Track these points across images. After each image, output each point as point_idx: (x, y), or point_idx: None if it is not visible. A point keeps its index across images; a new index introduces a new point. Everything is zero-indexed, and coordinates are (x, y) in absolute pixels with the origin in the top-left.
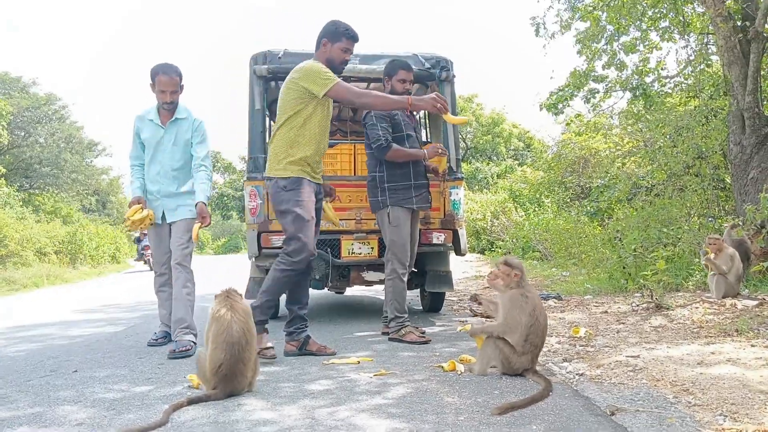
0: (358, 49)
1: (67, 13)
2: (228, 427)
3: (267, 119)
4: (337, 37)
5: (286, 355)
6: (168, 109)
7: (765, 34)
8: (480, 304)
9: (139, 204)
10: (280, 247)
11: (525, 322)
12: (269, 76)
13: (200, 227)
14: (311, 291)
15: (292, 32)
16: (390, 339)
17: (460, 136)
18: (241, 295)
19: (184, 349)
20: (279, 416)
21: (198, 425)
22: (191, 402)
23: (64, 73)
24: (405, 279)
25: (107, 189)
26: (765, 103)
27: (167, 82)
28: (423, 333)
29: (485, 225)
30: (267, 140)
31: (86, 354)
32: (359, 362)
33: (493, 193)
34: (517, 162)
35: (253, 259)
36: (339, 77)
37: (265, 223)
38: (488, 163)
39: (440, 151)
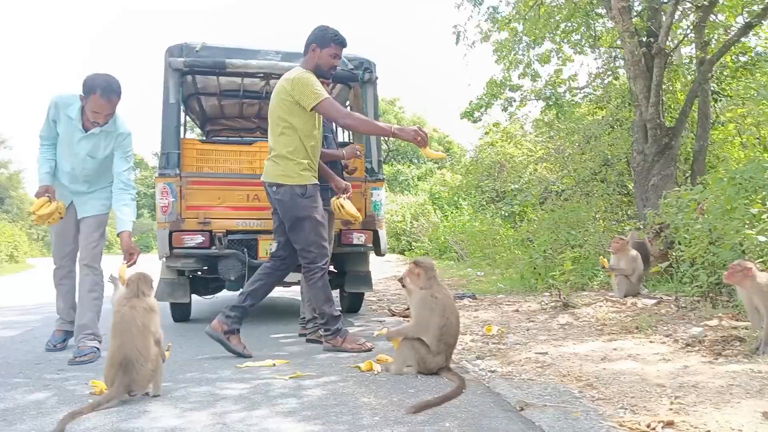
0: (280, 46)
1: None
2: None
3: (183, 114)
4: (326, 42)
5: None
6: (92, 126)
7: (667, 51)
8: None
9: (47, 195)
10: (192, 247)
11: (436, 322)
12: (185, 69)
13: (127, 266)
14: (225, 293)
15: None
16: (307, 341)
17: (381, 139)
18: (152, 281)
19: (85, 356)
20: (187, 422)
21: None
22: (92, 408)
23: None
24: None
25: (6, 184)
26: (666, 114)
27: (104, 106)
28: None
29: (405, 226)
30: (182, 135)
31: None
32: (275, 365)
33: (414, 195)
34: (437, 165)
35: (164, 259)
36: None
37: (177, 221)
38: (409, 166)
39: (358, 153)
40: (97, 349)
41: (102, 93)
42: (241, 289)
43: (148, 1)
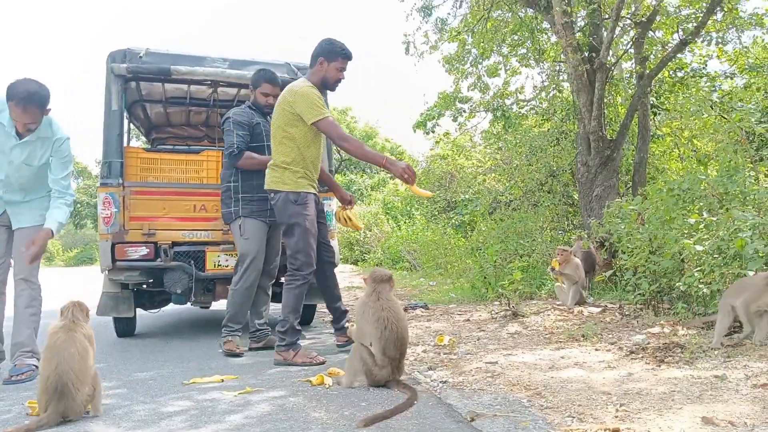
0: (228, 54)
1: None
2: None
3: (125, 121)
4: (334, 56)
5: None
6: (24, 134)
7: (608, 65)
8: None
9: None
10: (136, 260)
11: (370, 332)
12: (129, 75)
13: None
14: (171, 307)
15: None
16: (251, 349)
17: (333, 148)
18: (88, 311)
19: (23, 374)
20: None
21: None
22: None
23: None
24: (253, 294)
25: None
26: (608, 127)
27: (20, 115)
28: (238, 347)
29: (358, 236)
30: (125, 143)
31: None
32: (222, 380)
33: (367, 204)
34: (390, 176)
35: (107, 272)
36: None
37: (120, 233)
38: (362, 176)
39: None
40: (36, 367)
41: (17, 102)
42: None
43: (148, 1)
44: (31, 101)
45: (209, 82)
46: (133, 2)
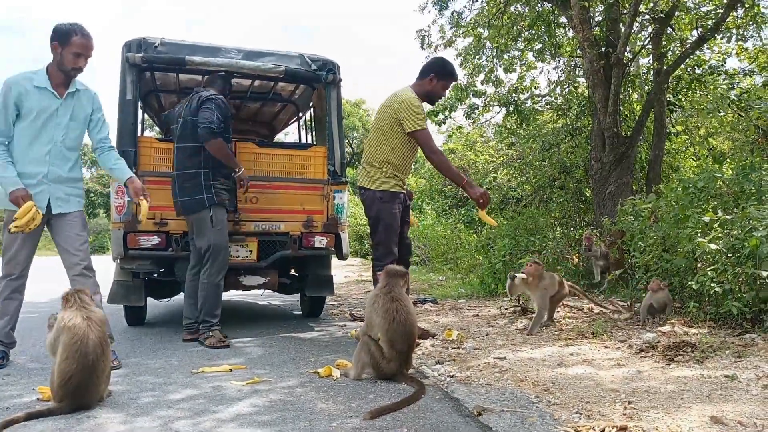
0: (243, 45)
1: None
2: None
3: (140, 111)
4: (445, 76)
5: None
6: (72, 76)
7: (625, 61)
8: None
9: (30, 200)
10: (147, 249)
11: (379, 323)
12: (144, 65)
13: (148, 204)
14: (182, 296)
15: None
16: (185, 340)
17: (345, 141)
18: (91, 297)
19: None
20: (134, 428)
21: None
22: (30, 417)
23: None
24: (222, 285)
25: None
26: (623, 124)
27: (85, 45)
28: (225, 338)
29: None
30: (138, 133)
31: None
32: (231, 370)
33: None
34: None
35: (119, 260)
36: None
37: (132, 222)
38: None
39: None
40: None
41: (81, 32)
42: None
43: (149, 1)
44: (88, 31)
45: (223, 73)
46: (133, 2)
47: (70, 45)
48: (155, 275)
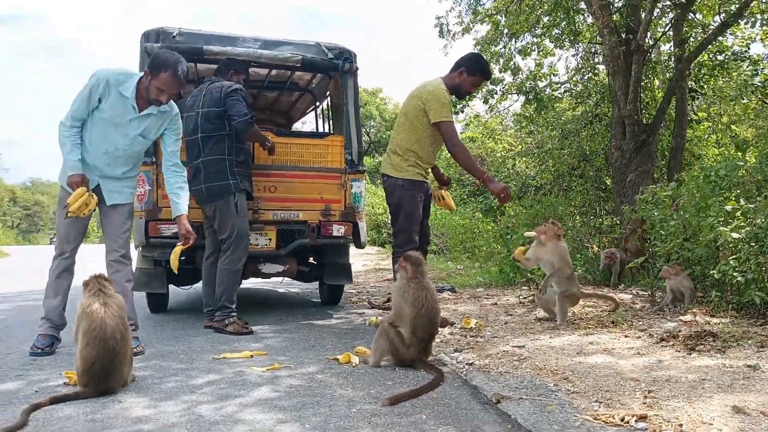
0: (261, 34)
1: None
2: (102, 425)
3: None
4: (475, 72)
5: None
6: (152, 104)
7: (645, 48)
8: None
9: (84, 186)
10: (169, 237)
11: (408, 312)
12: None
13: (183, 248)
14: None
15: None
16: (206, 327)
17: (362, 130)
18: (111, 282)
19: (135, 348)
20: (159, 412)
21: (72, 423)
22: (55, 401)
23: None
24: (241, 272)
25: None
26: (644, 111)
27: (171, 84)
28: (246, 324)
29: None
30: None
31: None
32: (252, 356)
33: None
34: None
35: (140, 248)
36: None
37: (154, 210)
38: None
39: (268, 143)
40: (137, 338)
41: (173, 72)
42: None
43: (149, 1)
44: (184, 73)
45: (226, 60)
46: (134, 2)
47: (157, 78)
48: None
